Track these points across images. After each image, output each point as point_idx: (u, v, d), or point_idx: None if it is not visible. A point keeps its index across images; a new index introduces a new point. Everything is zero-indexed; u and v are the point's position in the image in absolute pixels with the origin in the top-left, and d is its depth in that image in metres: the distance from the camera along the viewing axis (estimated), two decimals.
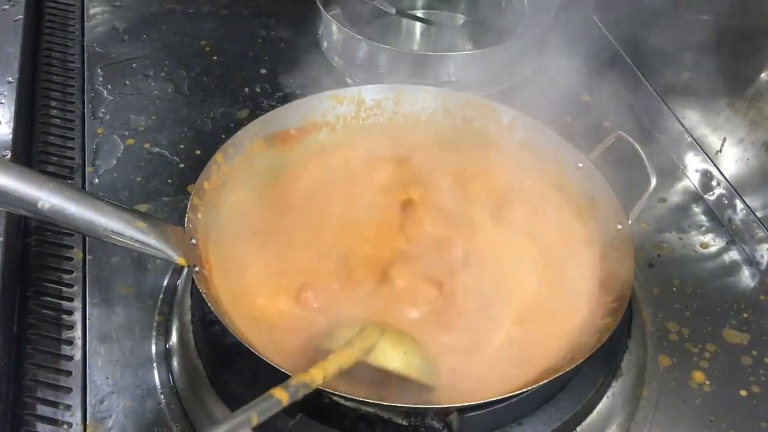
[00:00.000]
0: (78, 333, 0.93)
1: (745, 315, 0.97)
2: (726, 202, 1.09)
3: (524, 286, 0.87)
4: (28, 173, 0.68)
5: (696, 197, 1.13)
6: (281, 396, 0.66)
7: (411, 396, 0.74)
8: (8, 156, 1.07)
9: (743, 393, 0.89)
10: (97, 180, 1.12)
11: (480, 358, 0.80)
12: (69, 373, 0.89)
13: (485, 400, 0.73)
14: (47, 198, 0.67)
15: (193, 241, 0.81)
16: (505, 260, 0.89)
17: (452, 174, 0.98)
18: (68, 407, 0.86)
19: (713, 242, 1.07)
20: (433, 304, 0.84)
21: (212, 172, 0.89)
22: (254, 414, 0.63)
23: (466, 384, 0.77)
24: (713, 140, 1.11)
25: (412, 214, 0.93)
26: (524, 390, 0.73)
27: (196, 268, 0.78)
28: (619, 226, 0.87)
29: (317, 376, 0.69)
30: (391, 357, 0.73)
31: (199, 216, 0.85)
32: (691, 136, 1.15)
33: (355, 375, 0.73)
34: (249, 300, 0.83)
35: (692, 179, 1.15)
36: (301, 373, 0.68)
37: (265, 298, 0.83)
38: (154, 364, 0.90)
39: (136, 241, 0.73)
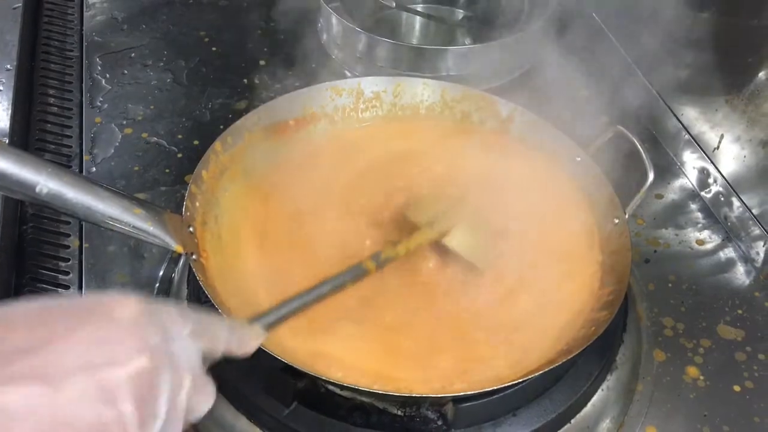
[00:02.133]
0: None
1: (740, 311, 0.98)
2: (722, 199, 1.09)
3: (521, 279, 0.86)
4: (27, 157, 0.67)
5: (693, 194, 1.14)
6: (369, 266, 0.76)
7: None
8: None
9: (737, 388, 0.89)
10: (94, 169, 1.12)
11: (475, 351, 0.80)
12: None
13: (480, 390, 0.73)
14: (45, 182, 0.67)
15: (191, 229, 0.81)
16: (501, 253, 0.89)
17: (449, 166, 0.99)
18: None
19: (709, 239, 1.08)
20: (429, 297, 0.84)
21: (210, 160, 0.89)
22: (348, 279, 0.73)
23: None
24: (711, 137, 1.12)
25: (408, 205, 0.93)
26: (519, 381, 0.73)
27: (194, 256, 0.78)
28: (616, 220, 0.87)
29: (401, 250, 0.80)
30: (464, 243, 0.85)
31: (197, 204, 0.84)
32: (689, 133, 1.15)
33: None
34: (246, 289, 0.82)
35: (689, 176, 1.16)
36: (389, 248, 0.80)
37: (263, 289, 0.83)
38: None
39: (134, 227, 0.73)
